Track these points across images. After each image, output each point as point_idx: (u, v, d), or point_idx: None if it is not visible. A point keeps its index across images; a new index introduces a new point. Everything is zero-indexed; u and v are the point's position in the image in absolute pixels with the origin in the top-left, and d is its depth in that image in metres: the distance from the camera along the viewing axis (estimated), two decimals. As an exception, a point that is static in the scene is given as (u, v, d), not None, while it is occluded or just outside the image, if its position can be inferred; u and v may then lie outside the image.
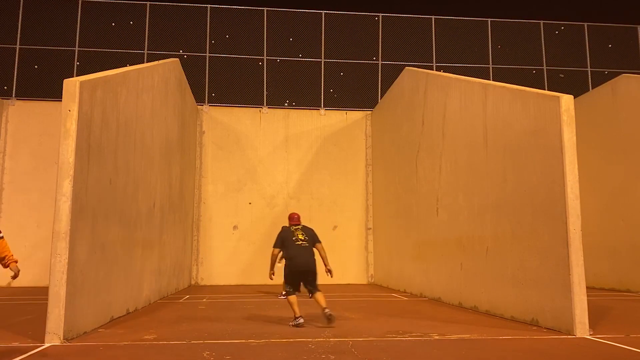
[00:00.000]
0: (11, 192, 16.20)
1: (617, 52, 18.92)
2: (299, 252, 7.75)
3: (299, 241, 7.82)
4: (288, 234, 7.96)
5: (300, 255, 7.73)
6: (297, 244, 7.79)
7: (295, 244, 7.79)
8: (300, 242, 7.82)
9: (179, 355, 5.70)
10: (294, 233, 7.92)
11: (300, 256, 7.73)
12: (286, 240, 7.89)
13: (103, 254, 7.82)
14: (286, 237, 7.92)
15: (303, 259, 7.72)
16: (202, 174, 17.38)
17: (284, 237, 7.93)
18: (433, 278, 11.82)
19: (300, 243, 7.81)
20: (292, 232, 7.94)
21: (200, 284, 16.72)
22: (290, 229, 8.06)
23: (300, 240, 7.83)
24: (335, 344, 6.31)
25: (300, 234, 7.90)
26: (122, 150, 8.72)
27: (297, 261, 7.71)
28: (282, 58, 18.16)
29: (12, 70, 16.92)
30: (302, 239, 7.85)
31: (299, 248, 7.77)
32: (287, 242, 7.87)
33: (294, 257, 7.74)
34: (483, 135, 9.57)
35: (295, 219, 8.26)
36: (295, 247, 7.77)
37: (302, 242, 7.83)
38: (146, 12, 17.63)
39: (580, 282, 7.03)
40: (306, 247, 7.82)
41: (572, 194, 7.19)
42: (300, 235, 7.88)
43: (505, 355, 5.73)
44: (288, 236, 7.91)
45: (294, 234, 7.91)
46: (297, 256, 7.73)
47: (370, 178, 17.98)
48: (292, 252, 7.77)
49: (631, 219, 13.79)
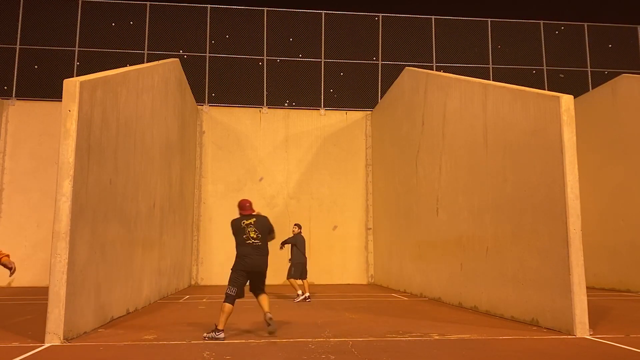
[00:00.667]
0: (11, 192, 16.20)
1: (617, 52, 18.92)
2: (251, 251, 6.88)
3: (250, 239, 6.91)
4: (238, 228, 7.03)
5: (251, 254, 6.88)
6: (247, 243, 6.90)
7: (246, 243, 6.90)
8: (252, 241, 6.91)
9: (179, 355, 5.71)
10: (244, 229, 6.97)
11: (253, 256, 6.89)
12: (237, 235, 7.00)
13: (103, 254, 7.82)
14: (237, 232, 7.02)
15: (254, 259, 6.89)
16: (202, 174, 17.38)
17: (235, 231, 7.04)
18: (433, 278, 11.82)
19: (251, 242, 6.91)
20: (243, 229, 6.98)
21: (200, 284, 16.71)
22: (240, 223, 7.06)
23: (251, 239, 6.91)
24: (335, 344, 6.31)
25: (252, 232, 6.94)
26: (122, 150, 8.72)
27: (251, 261, 6.87)
28: (282, 58, 18.16)
29: (12, 70, 16.92)
30: (254, 237, 6.93)
31: (251, 247, 6.89)
32: (237, 238, 6.99)
33: (246, 256, 6.88)
34: (483, 135, 9.57)
35: (247, 208, 7.17)
36: (247, 245, 6.89)
37: (253, 240, 6.92)
38: (146, 12, 17.63)
39: (580, 282, 7.03)
40: (259, 246, 6.93)
41: (572, 194, 7.19)
42: (252, 233, 6.93)
43: (505, 355, 5.73)
44: (238, 232, 7.00)
45: (245, 230, 6.96)
46: (249, 255, 6.88)
47: (370, 178, 17.99)
48: (244, 250, 6.90)
49: (631, 219, 13.79)
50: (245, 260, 6.87)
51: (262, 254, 6.96)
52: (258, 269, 6.94)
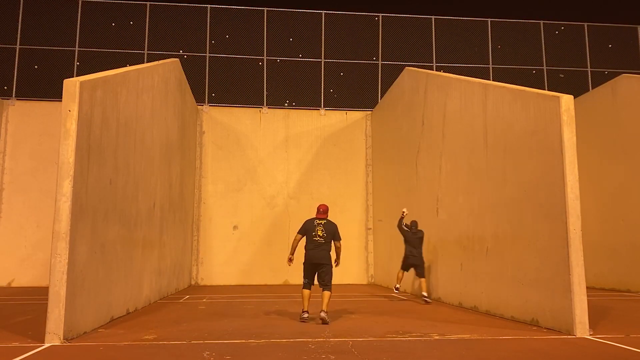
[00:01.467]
0: (11, 192, 16.20)
1: (617, 52, 18.92)
2: (313, 246, 8.19)
3: (317, 237, 8.19)
4: (310, 227, 8.33)
5: (314, 249, 8.17)
6: (314, 239, 8.20)
7: (313, 239, 8.20)
8: (318, 239, 8.19)
9: (179, 355, 5.71)
10: (315, 228, 8.25)
11: (314, 250, 8.17)
12: (307, 233, 8.30)
13: (103, 254, 7.83)
14: (308, 229, 8.31)
15: (316, 252, 8.15)
16: (202, 174, 17.38)
17: (307, 229, 8.33)
18: (433, 278, 11.82)
19: (317, 239, 8.19)
20: (314, 227, 8.27)
21: (200, 284, 16.72)
22: (313, 222, 8.36)
23: (318, 237, 8.19)
24: (335, 344, 6.31)
25: (320, 230, 8.21)
26: (122, 150, 8.72)
27: (311, 254, 8.18)
28: (282, 58, 18.16)
29: (12, 70, 16.92)
30: (321, 235, 8.18)
31: (314, 243, 8.20)
32: (307, 235, 8.30)
33: (309, 250, 8.20)
34: (483, 135, 9.57)
35: (321, 212, 8.46)
36: (312, 241, 8.21)
37: (319, 238, 8.18)
38: (146, 12, 17.63)
39: (580, 282, 7.03)
40: (322, 243, 8.18)
41: (572, 194, 7.19)
42: (320, 232, 8.19)
43: (505, 355, 5.73)
44: (309, 229, 8.29)
45: (315, 228, 8.25)
46: (311, 249, 8.18)
47: (370, 178, 17.99)
48: (308, 246, 8.24)
49: (631, 219, 13.79)
50: (309, 254, 8.28)
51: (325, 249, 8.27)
52: (318, 260, 8.22)
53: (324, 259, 8.16)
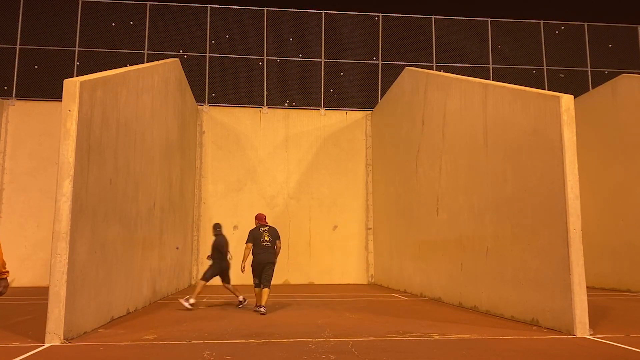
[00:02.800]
0: (11, 192, 16.20)
1: (617, 52, 18.92)
2: (262, 250, 9.36)
3: (265, 242, 9.39)
4: (257, 234, 9.46)
5: (262, 253, 9.35)
6: (262, 244, 9.36)
7: (261, 244, 9.36)
8: (266, 243, 9.39)
9: (179, 355, 5.71)
10: (262, 234, 9.43)
11: (263, 254, 9.35)
12: (255, 240, 9.41)
13: (103, 254, 7.83)
14: (255, 237, 9.43)
15: (265, 255, 9.36)
16: (202, 174, 17.38)
17: (254, 237, 9.43)
18: (433, 278, 11.82)
19: (265, 243, 9.38)
20: (261, 234, 9.44)
21: (200, 284, 16.70)
22: (259, 230, 9.50)
23: (265, 241, 9.40)
24: (335, 344, 6.31)
25: (267, 236, 9.44)
26: (122, 150, 8.72)
27: (261, 257, 9.34)
28: (282, 58, 18.16)
29: (12, 70, 16.92)
30: (267, 240, 9.42)
31: (263, 247, 9.37)
32: (255, 242, 9.40)
33: (258, 254, 9.34)
34: (483, 135, 9.57)
35: (263, 220, 9.77)
36: (260, 246, 9.36)
37: (267, 242, 9.41)
38: (146, 12, 17.63)
39: (581, 282, 7.03)
40: (268, 247, 9.42)
41: (572, 194, 7.19)
42: (266, 237, 9.43)
43: (505, 355, 5.73)
44: (257, 237, 9.43)
45: (262, 235, 9.43)
46: (260, 253, 9.34)
47: (370, 178, 17.99)
48: (257, 250, 9.35)
49: (631, 219, 13.79)
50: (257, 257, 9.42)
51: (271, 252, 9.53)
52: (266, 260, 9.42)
53: (272, 259, 9.40)
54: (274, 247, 9.48)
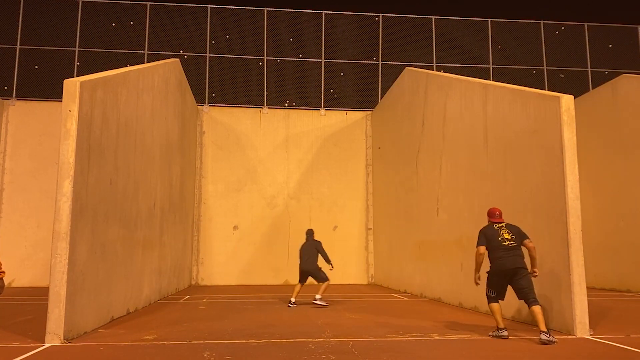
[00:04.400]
0: (11, 192, 16.21)
1: (617, 52, 18.92)
2: (505, 253, 6.83)
3: (506, 241, 6.87)
4: (492, 232, 7.01)
5: (506, 256, 6.81)
6: (503, 245, 6.86)
7: (502, 245, 6.86)
8: (508, 242, 6.86)
9: (179, 355, 5.71)
10: (498, 232, 6.98)
11: (507, 257, 6.80)
12: (492, 240, 6.95)
13: (103, 254, 7.83)
14: (491, 236, 6.98)
15: (509, 260, 6.80)
16: (203, 174, 17.38)
17: (489, 237, 6.99)
18: (433, 278, 11.82)
19: (507, 243, 6.85)
20: (497, 231, 6.99)
21: (200, 284, 16.72)
22: (494, 227, 7.08)
23: (507, 240, 6.88)
24: (335, 344, 6.31)
25: (507, 233, 6.94)
26: (122, 150, 8.72)
27: (503, 262, 6.80)
28: (282, 58, 18.16)
29: (12, 70, 16.92)
30: (509, 239, 6.88)
31: (505, 249, 6.84)
32: (492, 242, 6.94)
33: (500, 258, 6.83)
34: (483, 136, 9.57)
35: (497, 216, 7.22)
36: (502, 248, 6.85)
37: (509, 241, 6.87)
38: (146, 12, 17.63)
39: (581, 282, 7.02)
40: (514, 247, 6.86)
41: (572, 194, 7.19)
42: (507, 235, 6.92)
43: (505, 355, 5.73)
44: (493, 235, 6.97)
45: (499, 232, 6.97)
46: (503, 257, 6.81)
47: (370, 178, 17.99)
48: (498, 254, 6.86)
49: (631, 219, 13.79)
50: (499, 262, 6.86)
51: (519, 254, 6.90)
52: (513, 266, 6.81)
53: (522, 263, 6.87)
54: (520, 249, 6.90)
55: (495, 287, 6.88)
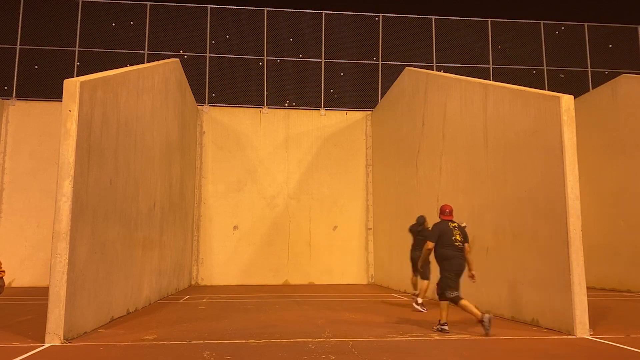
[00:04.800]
0: (11, 192, 16.20)
1: (617, 52, 18.92)
2: (457, 253, 7.27)
3: (457, 242, 7.28)
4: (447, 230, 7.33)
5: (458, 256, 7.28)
6: (455, 245, 7.26)
7: (454, 244, 7.26)
8: (458, 243, 7.28)
9: (179, 355, 5.71)
10: (452, 231, 7.33)
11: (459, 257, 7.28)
12: (444, 238, 7.28)
13: (103, 254, 7.83)
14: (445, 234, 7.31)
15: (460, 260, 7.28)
16: (203, 174, 17.38)
17: (442, 233, 7.32)
18: (433, 278, 11.80)
19: (457, 244, 7.27)
20: (451, 230, 7.34)
21: (200, 284, 16.72)
22: (448, 225, 7.40)
23: (457, 241, 7.28)
24: (335, 344, 6.31)
25: (458, 234, 7.33)
26: (122, 150, 8.72)
27: (458, 262, 7.26)
28: (282, 58, 18.16)
29: (12, 70, 16.92)
30: (460, 240, 7.30)
31: (457, 249, 7.27)
32: (444, 240, 7.28)
33: (454, 257, 7.24)
34: (483, 136, 9.57)
35: (448, 213, 7.59)
36: (454, 247, 7.26)
37: (459, 242, 7.28)
38: (146, 12, 17.63)
39: (581, 282, 7.03)
40: (461, 248, 7.31)
41: (572, 194, 7.18)
42: (458, 236, 7.31)
43: (505, 355, 5.73)
44: (447, 233, 7.30)
45: (453, 232, 7.32)
46: (456, 257, 7.25)
47: (370, 178, 17.98)
48: (451, 253, 7.26)
49: (631, 219, 13.78)
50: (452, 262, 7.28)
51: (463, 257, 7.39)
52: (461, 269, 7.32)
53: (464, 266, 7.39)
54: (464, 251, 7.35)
55: (455, 286, 7.25)
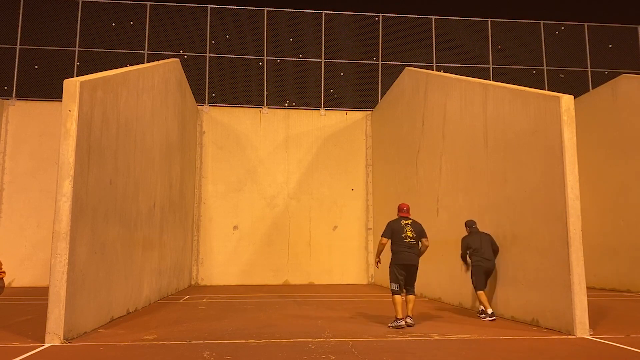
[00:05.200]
0: (11, 192, 16.21)
1: (617, 52, 18.92)
2: (405, 249, 7.77)
3: (407, 239, 7.79)
4: (398, 227, 7.86)
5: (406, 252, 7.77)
6: (405, 241, 7.78)
7: (404, 241, 7.77)
8: (408, 240, 7.78)
9: (179, 355, 5.71)
10: (404, 228, 7.85)
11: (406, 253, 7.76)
12: (396, 234, 7.83)
13: (103, 254, 7.83)
14: (396, 230, 7.85)
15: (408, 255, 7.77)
16: (203, 174, 17.38)
17: (394, 230, 7.86)
18: (433, 278, 11.81)
19: (408, 241, 7.78)
20: (402, 227, 7.86)
21: (200, 284, 16.72)
22: (401, 222, 7.92)
23: (409, 238, 7.79)
24: (335, 344, 6.31)
25: (410, 231, 7.83)
26: (122, 150, 8.72)
27: (403, 256, 7.75)
28: (282, 58, 18.16)
29: (12, 70, 16.93)
30: (411, 237, 7.80)
31: (406, 246, 7.77)
32: (396, 237, 7.82)
33: (401, 252, 7.77)
34: (483, 136, 9.57)
35: (405, 211, 8.16)
36: (404, 244, 7.77)
37: (410, 239, 7.79)
38: (146, 12, 17.63)
39: (581, 282, 7.03)
40: (413, 245, 7.80)
41: (572, 194, 7.18)
42: (410, 233, 7.81)
43: (505, 355, 5.73)
44: (398, 230, 7.84)
45: (404, 229, 7.84)
46: (403, 252, 7.76)
47: (370, 178, 17.98)
48: (400, 248, 7.78)
49: (631, 219, 13.79)
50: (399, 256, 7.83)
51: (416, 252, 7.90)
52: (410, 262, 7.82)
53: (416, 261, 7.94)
54: (419, 247, 7.88)
55: (397, 280, 7.78)
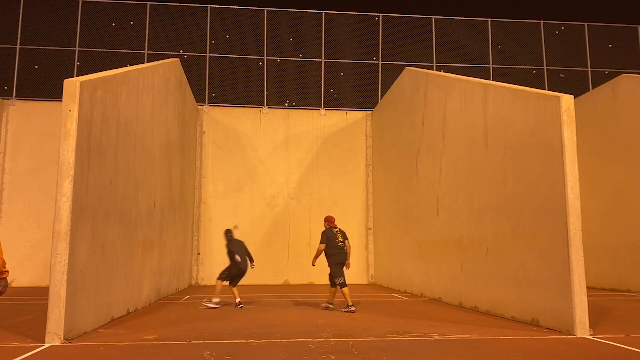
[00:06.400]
0: (11, 192, 16.21)
1: (617, 52, 18.93)
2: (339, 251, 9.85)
3: (339, 242, 9.87)
4: (332, 235, 9.88)
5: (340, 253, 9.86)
6: (338, 245, 9.83)
7: (337, 245, 9.82)
8: (340, 243, 9.87)
9: (179, 355, 5.71)
10: (336, 235, 9.89)
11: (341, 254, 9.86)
12: (331, 240, 9.82)
13: (103, 254, 7.83)
14: (330, 237, 9.86)
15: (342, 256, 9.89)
16: (203, 174, 17.38)
17: (329, 238, 9.86)
18: (433, 278, 11.82)
19: (340, 244, 9.86)
20: (335, 235, 9.89)
21: (200, 284, 16.71)
22: (332, 231, 9.93)
23: (340, 242, 9.88)
24: (335, 344, 6.31)
25: (340, 236, 9.94)
26: (122, 150, 8.72)
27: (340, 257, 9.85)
28: (282, 58, 18.16)
29: (12, 70, 16.93)
30: (341, 241, 9.92)
31: (339, 248, 9.85)
32: (331, 242, 9.80)
33: (337, 254, 9.82)
34: (483, 135, 9.57)
35: (333, 222, 10.25)
36: (337, 247, 9.83)
37: (341, 243, 9.89)
38: (146, 12, 17.63)
39: (581, 282, 7.03)
40: (342, 247, 9.92)
41: (572, 194, 7.18)
42: (340, 238, 9.92)
43: (505, 355, 5.73)
44: (331, 237, 9.85)
45: (336, 236, 9.88)
46: (339, 253, 9.84)
47: (370, 178, 17.99)
48: (335, 251, 9.81)
49: (631, 220, 13.79)
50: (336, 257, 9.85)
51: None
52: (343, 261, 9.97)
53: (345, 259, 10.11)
54: (345, 248, 9.92)
55: (341, 275, 9.77)
